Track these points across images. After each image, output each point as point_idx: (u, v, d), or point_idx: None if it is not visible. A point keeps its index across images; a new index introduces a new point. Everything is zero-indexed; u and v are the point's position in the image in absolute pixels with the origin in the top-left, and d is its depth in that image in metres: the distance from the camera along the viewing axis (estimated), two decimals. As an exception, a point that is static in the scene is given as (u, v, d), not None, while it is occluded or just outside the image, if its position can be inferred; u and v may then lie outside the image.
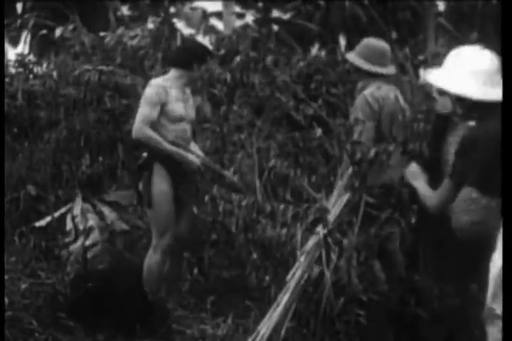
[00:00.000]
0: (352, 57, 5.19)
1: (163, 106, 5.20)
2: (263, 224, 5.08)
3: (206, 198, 5.46)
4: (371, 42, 5.24)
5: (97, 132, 7.00)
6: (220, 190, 5.55)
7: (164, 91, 5.21)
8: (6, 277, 5.20)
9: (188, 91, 5.44)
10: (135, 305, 4.98)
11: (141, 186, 5.28)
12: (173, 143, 5.21)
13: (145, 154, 5.26)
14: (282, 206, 5.11)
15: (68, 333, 4.77)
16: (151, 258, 5.23)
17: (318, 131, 6.38)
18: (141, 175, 5.26)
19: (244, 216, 5.17)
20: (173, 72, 5.35)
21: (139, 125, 5.17)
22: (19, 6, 20.80)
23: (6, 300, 4.71)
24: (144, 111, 5.19)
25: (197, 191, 5.59)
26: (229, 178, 5.61)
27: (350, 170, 4.57)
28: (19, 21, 18.09)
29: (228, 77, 7.56)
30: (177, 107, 5.26)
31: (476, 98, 3.76)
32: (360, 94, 5.10)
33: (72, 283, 5.23)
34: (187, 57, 5.30)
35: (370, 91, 5.04)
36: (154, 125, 5.21)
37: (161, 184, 5.19)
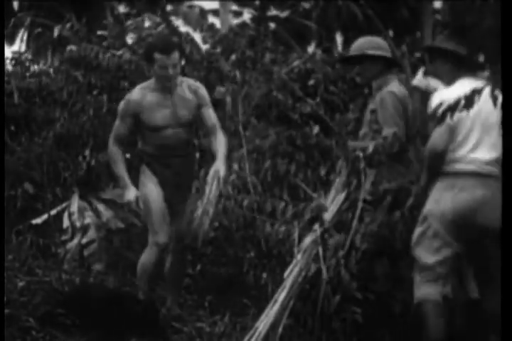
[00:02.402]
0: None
1: (137, 117, 5.10)
2: (261, 222, 5.08)
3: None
4: None
5: (100, 123, 7.01)
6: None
7: (134, 102, 5.09)
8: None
9: (179, 92, 5.15)
10: (131, 304, 4.97)
11: None
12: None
13: (128, 155, 5.23)
14: (281, 204, 5.10)
15: (66, 331, 4.76)
16: (145, 256, 5.17)
17: (316, 129, 6.38)
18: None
19: (244, 214, 5.17)
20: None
21: (110, 139, 5.18)
22: (15, 4, 20.83)
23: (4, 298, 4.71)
24: (115, 125, 5.19)
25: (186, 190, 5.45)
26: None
27: (349, 168, 4.59)
28: (13, 19, 18.09)
29: (238, 74, 7.55)
30: (155, 115, 5.09)
31: None
32: (379, 92, 5.03)
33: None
34: (147, 51, 5.11)
35: (396, 88, 5.00)
36: (137, 135, 5.20)
37: (148, 183, 5.14)
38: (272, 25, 23.63)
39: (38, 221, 6.54)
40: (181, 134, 5.19)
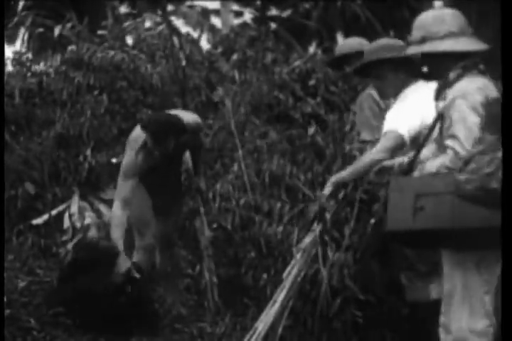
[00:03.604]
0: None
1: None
2: (260, 222, 5.08)
3: (210, 195, 5.48)
4: None
5: (100, 124, 7.01)
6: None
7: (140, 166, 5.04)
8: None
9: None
10: (131, 303, 4.97)
11: None
12: None
13: (114, 160, 5.22)
14: (279, 204, 5.11)
15: (66, 331, 4.76)
16: (135, 259, 5.22)
17: (312, 129, 6.37)
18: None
19: (242, 214, 5.17)
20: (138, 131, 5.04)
21: (116, 202, 4.99)
22: (16, 4, 20.80)
23: (4, 298, 4.71)
24: (119, 186, 5.04)
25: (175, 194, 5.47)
26: None
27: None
28: (15, 19, 18.07)
29: (236, 74, 7.56)
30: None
31: None
32: (362, 93, 5.03)
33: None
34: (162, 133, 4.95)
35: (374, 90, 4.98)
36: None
37: (134, 187, 5.11)
38: (273, 25, 23.59)
39: (38, 221, 6.54)
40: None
